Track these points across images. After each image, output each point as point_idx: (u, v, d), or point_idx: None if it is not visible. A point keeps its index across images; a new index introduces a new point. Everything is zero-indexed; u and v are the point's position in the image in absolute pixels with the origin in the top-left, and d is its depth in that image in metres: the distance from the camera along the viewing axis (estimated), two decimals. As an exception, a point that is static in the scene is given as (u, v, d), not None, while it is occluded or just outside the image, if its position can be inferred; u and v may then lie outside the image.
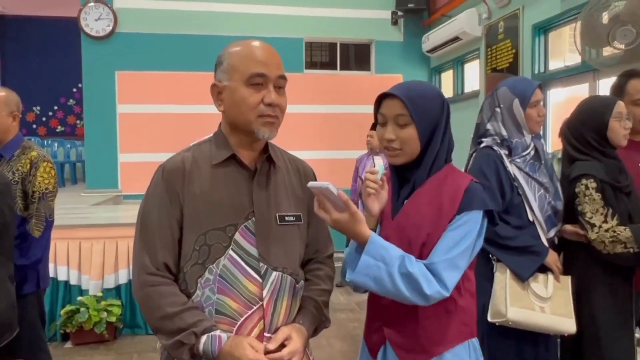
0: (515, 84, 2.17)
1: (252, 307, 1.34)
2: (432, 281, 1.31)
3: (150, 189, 1.39)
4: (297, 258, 1.46)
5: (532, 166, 2.13)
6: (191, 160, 1.39)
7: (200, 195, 1.35)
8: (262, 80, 1.34)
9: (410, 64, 7.75)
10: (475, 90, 6.52)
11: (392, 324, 1.47)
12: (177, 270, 1.37)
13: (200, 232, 1.33)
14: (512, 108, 2.13)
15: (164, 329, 1.30)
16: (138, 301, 1.37)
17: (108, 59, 6.96)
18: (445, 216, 1.40)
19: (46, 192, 2.60)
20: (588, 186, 2.10)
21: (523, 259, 2.06)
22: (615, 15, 3.45)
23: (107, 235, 4.26)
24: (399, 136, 1.44)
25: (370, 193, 1.42)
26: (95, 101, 6.97)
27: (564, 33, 5.08)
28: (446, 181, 1.45)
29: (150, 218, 1.36)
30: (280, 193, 1.44)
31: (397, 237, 1.43)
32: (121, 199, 6.85)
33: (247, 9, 7.28)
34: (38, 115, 12.06)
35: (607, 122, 2.15)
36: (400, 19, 7.69)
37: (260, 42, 1.40)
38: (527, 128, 2.13)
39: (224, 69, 1.37)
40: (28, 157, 2.60)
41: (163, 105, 7.07)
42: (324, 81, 7.60)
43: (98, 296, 4.14)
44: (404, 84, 1.51)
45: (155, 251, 1.33)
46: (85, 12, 6.89)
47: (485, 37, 6.15)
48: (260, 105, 1.33)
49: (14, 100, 2.68)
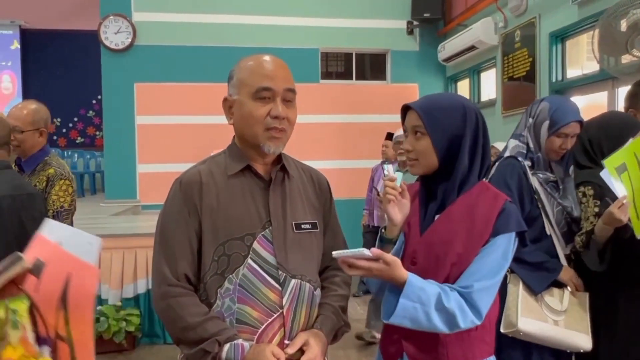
0: (558, 105, 2.09)
1: (273, 315, 1.35)
2: (467, 312, 1.31)
3: (168, 202, 1.42)
4: (314, 265, 1.48)
5: (552, 187, 2.12)
6: (207, 172, 1.41)
7: (218, 206, 1.37)
8: (269, 94, 1.36)
9: (426, 73, 7.74)
10: (492, 99, 6.49)
11: (412, 338, 1.45)
12: (197, 281, 1.38)
13: (219, 243, 1.35)
14: (540, 126, 2.10)
15: (186, 339, 1.32)
16: (159, 313, 1.38)
17: (127, 71, 7.07)
18: (479, 237, 1.38)
19: (61, 210, 2.59)
20: (585, 193, 2.11)
21: (537, 274, 2.04)
22: (633, 22, 3.42)
23: (126, 245, 4.31)
24: (415, 147, 1.45)
25: (390, 199, 1.41)
26: (115, 113, 7.08)
27: (582, 41, 5.05)
28: (479, 200, 1.42)
29: (169, 230, 1.38)
30: (296, 201, 1.46)
31: (424, 253, 1.43)
32: (140, 209, 6.93)
33: (263, 21, 7.36)
34: (58, 126, 12.26)
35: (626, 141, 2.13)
36: (416, 28, 7.69)
37: (269, 56, 1.43)
38: (544, 152, 2.11)
39: (234, 84, 1.41)
40: (46, 173, 2.62)
41: (181, 117, 7.15)
42: (339, 91, 7.62)
43: (117, 306, 4.19)
44: (427, 96, 1.52)
45: (175, 263, 1.35)
46: (105, 25, 7.02)
47: (501, 46, 6.13)
48: (267, 118, 1.36)
49: (43, 116, 2.70)
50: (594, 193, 2.09)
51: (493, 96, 6.47)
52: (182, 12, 7.19)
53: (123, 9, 7.09)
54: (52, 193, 2.58)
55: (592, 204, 2.09)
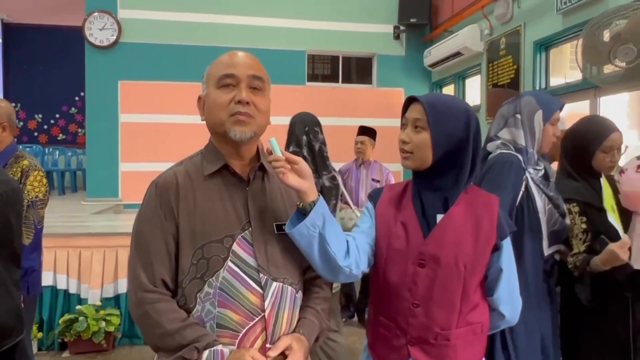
0: (541, 96, 2.10)
1: (254, 318, 1.32)
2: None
3: (143, 205, 1.37)
4: (296, 267, 1.44)
5: (541, 182, 2.08)
6: (184, 173, 1.37)
7: (195, 208, 1.33)
8: (233, 81, 1.34)
9: (412, 78, 7.80)
10: (476, 105, 6.55)
11: (421, 343, 1.46)
12: (175, 286, 1.34)
13: (198, 246, 1.31)
14: (533, 118, 2.04)
15: (164, 346, 1.28)
16: (136, 319, 1.33)
17: (111, 69, 7.01)
18: (485, 240, 1.45)
19: (36, 200, 2.65)
20: (571, 210, 2.11)
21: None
22: (616, 33, 3.48)
23: (107, 244, 4.25)
24: (413, 139, 1.46)
25: (284, 172, 1.33)
26: (98, 110, 7.01)
27: (565, 50, 5.13)
28: (476, 201, 1.49)
29: (145, 234, 1.33)
30: (277, 201, 1.43)
31: (434, 255, 1.44)
32: (121, 207, 6.86)
33: (251, 21, 7.35)
34: (39, 123, 12.08)
35: (593, 153, 2.16)
36: (403, 33, 7.75)
37: (239, 51, 1.41)
38: (539, 143, 2.05)
39: (204, 80, 1.40)
40: (20, 165, 2.66)
41: (165, 115, 7.11)
42: (325, 94, 7.64)
43: (97, 305, 4.12)
44: (434, 94, 1.56)
45: (151, 268, 1.31)
46: (90, 21, 6.95)
47: (486, 53, 6.19)
48: (231, 104, 1.33)
49: (6, 111, 2.71)
50: (579, 210, 2.11)
51: (478, 102, 6.54)
52: (169, 11, 7.15)
53: (109, 6, 7.04)
54: (27, 184, 2.64)
55: (579, 221, 2.10)
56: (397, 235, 1.49)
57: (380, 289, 1.53)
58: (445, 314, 1.43)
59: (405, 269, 1.46)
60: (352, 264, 1.42)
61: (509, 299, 1.52)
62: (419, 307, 1.44)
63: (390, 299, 1.50)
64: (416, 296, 1.45)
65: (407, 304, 1.46)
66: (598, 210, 2.13)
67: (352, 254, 1.43)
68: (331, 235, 1.36)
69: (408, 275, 1.45)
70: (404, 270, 1.46)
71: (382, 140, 4.83)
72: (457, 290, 1.43)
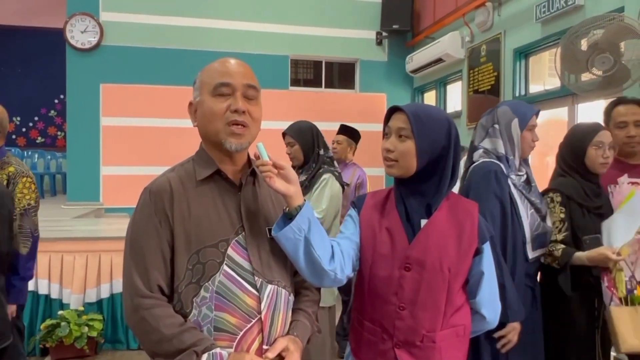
0: (516, 105, 2.19)
1: (251, 320, 1.34)
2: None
3: (137, 212, 1.38)
4: (288, 270, 1.47)
5: (524, 187, 2.15)
6: (177, 180, 1.39)
7: (189, 214, 1.35)
8: (229, 90, 1.36)
9: (394, 83, 7.87)
10: (457, 110, 6.64)
11: (408, 345, 1.49)
12: (171, 292, 1.35)
13: (193, 251, 1.33)
14: (510, 126, 2.14)
15: (162, 352, 1.28)
16: (132, 326, 1.33)
17: (93, 72, 6.95)
18: (467, 244, 1.51)
19: (28, 207, 2.59)
20: (553, 199, 2.25)
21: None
22: (594, 42, 3.57)
23: (89, 248, 4.22)
24: (397, 148, 1.50)
25: (271, 176, 1.36)
26: (79, 113, 6.94)
27: (544, 58, 5.24)
28: (457, 206, 1.56)
29: (140, 241, 1.34)
30: (268, 206, 1.47)
31: (419, 258, 1.48)
32: (103, 212, 6.78)
33: (234, 26, 7.35)
34: (18, 125, 11.91)
35: (585, 149, 2.26)
36: (385, 39, 7.82)
37: (231, 58, 1.43)
38: (519, 149, 2.14)
39: (196, 87, 1.42)
40: (5, 172, 2.58)
41: (147, 119, 7.06)
42: (308, 98, 7.67)
43: (79, 310, 4.08)
44: (415, 104, 1.59)
45: (147, 274, 1.31)
46: (72, 24, 6.89)
47: (467, 60, 6.29)
48: (227, 112, 1.35)
49: None
50: (560, 200, 2.24)
51: (459, 108, 6.63)
52: (151, 14, 7.11)
53: (90, 8, 6.98)
54: (16, 192, 2.56)
55: (557, 210, 2.23)
56: (383, 240, 1.53)
57: (365, 294, 1.56)
58: (430, 316, 1.47)
59: (392, 273, 1.49)
60: (337, 268, 1.45)
61: (490, 302, 1.58)
62: (405, 309, 1.48)
63: (376, 304, 1.53)
64: (402, 299, 1.48)
65: (393, 307, 1.49)
66: (579, 205, 2.23)
67: (337, 259, 1.46)
68: (317, 239, 1.39)
69: (394, 279, 1.49)
70: (390, 274, 1.50)
71: (364, 144, 4.86)
72: (442, 293, 1.47)
